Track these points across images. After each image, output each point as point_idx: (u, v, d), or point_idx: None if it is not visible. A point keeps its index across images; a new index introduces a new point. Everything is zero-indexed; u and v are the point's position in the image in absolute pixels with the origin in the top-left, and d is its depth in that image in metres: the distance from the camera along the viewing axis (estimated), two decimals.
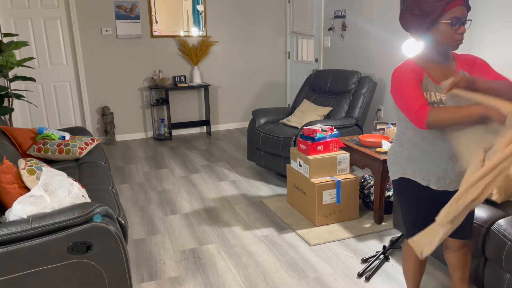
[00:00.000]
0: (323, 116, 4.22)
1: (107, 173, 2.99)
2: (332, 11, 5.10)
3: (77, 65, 5.41)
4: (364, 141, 3.27)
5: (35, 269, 1.75)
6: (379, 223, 3.14)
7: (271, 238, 3.00)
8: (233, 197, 3.75)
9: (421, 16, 1.65)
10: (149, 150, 5.31)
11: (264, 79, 6.46)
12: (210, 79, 6.13)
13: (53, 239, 1.75)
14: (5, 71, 4.05)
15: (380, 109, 4.45)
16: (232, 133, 6.12)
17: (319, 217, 3.12)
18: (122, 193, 3.91)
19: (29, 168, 2.16)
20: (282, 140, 3.86)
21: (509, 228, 1.96)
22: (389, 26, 4.20)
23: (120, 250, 1.89)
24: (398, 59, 4.13)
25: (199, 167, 4.60)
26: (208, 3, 5.86)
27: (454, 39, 1.64)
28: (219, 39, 6.04)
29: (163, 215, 3.43)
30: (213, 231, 3.12)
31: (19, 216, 1.82)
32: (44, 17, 5.16)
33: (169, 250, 2.86)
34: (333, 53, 5.21)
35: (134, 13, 5.49)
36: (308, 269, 2.60)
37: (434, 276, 2.49)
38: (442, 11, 1.61)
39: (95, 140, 3.51)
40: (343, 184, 3.14)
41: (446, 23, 1.62)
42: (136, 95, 5.79)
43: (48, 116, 5.45)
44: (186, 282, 2.49)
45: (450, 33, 1.63)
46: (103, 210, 1.90)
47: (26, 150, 3.22)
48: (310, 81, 4.71)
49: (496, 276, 2.03)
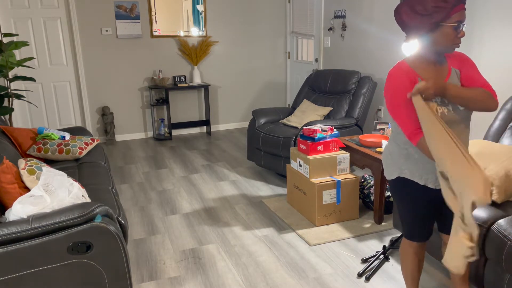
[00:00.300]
0: (323, 116, 4.22)
1: (107, 173, 2.99)
2: (332, 11, 5.10)
3: (77, 65, 5.41)
4: (364, 141, 3.27)
5: (35, 269, 1.75)
6: (379, 223, 3.14)
7: (271, 238, 3.00)
8: (233, 197, 3.75)
9: (425, 16, 1.60)
10: (149, 150, 5.31)
11: (264, 79, 6.46)
12: (210, 79, 6.13)
13: (53, 239, 1.75)
14: (5, 71, 4.05)
15: (380, 109, 4.45)
16: (232, 133, 6.12)
17: (319, 217, 3.12)
18: (122, 193, 3.91)
19: (29, 168, 2.16)
20: (282, 140, 3.86)
21: (509, 228, 1.96)
22: (389, 26, 4.20)
23: (120, 250, 1.89)
24: (398, 59, 4.13)
25: (199, 167, 4.60)
26: (208, 3, 5.86)
27: (454, 42, 1.63)
28: (219, 39, 6.04)
29: (163, 215, 3.43)
30: (213, 231, 3.12)
31: (19, 216, 1.82)
32: (44, 17, 5.16)
33: (169, 250, 2.86)
34: (333, 53, 5.21)
35: (134, 13, 5.49)
36: (308, 269, 2.60)
37: (433, 275, 2.49)
38: (448, 13, 1.58)
39: (95, 140, 3.51)
40: (343, 184, 3.14)
41: (450, 26, 1.60)
42: (136, 95, 5.79)
43: (48, 116, 5.45)
44: (186, 282, 2.49)
45: (452, 36, 1.62)
46: (103, 210, 1.90)
47: (26, 150, 3.22)
48: (310, 81, 4.71)
49: (496, 276, 2.03)
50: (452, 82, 1.72)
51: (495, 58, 3.14)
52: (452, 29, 1.60)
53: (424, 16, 1.60)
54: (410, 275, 2.05)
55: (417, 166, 1.79)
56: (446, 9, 1.57)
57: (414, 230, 1.92)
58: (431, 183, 1.79)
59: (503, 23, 3.05)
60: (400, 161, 1.83)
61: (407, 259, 2.03)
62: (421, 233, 1.93)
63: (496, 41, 3.12)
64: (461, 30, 1.62)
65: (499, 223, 2.02)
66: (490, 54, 3.18)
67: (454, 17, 1.59)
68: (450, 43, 1.63)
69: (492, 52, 3.16)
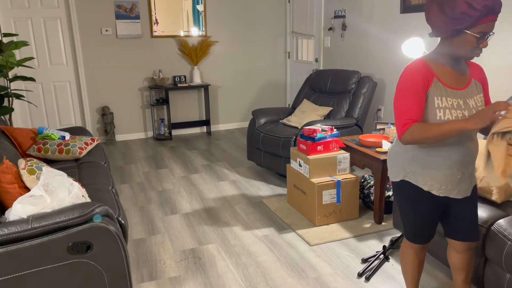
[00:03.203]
0: (323, 116, 4.22)
1: (107, 173, 2.99)
2: (332, 11, 5.10)
3: (77, 65, 5.41)
4: (364, 141, 3.27)
5: (35, 269, 1.75)
6: (379, 223, 3.14)
7: (271, 238, 3.00)
8: (233, 197, 3.75)
9: (451, 19, 1.55)
10: (149, 150, 5.31)
11: (264, 79, 6.46)
12: (210, 79, 6.13)
13: (53, 239, 1.75)
14: (5, 71, 4.05)
15: (380, 109, 4.45)
16: (232, 133, 6.12)
17: (319, 217, 3.12)
18: (122, 193, 3.91)
19: (29, 168, 2.16)
20: (282, 140, 3.86)
21: (509, 228, 1.96)
22: (389, 26, 4.20)
23: (120, 250, 1.89)
24: (398, 59, 4.13)
25: (199, 167, 4.60)
26: (208, 3, 5.86)
27: (474, 52, 1.60)
28: (219, 39, 6.04)
29: (163, 215, 3.43)
30: (213, 231, 3.12)
31: (19, 216, 1.82)
32: (44, 17, 5.16)
33: (169, 250, 2.86)
34: (333, 53, 5.21)
35: (134, 13, 5.49)
36: (308, 269, 2.60)
37: (434, 276, 2.49)
38: (473, 23, 1.53)
39: (95, 140, 3.51)
40: (343, 184, 3.14)
41: (473, 35, 1.55)
42: (136, 95, 5.79)
43: (48, 116, 5.45)
44: (186, 282, 2.49)
45: (473, 45, 1.58)
46: (103, 210, 1.90)
47: (26, 150, 3.22)
48: (310, 81, 4.71)
49: (496, 276, 2.03)
50: (471, 92, 1.69)
51: (496, 58, 3.14)
52: (475, 38, 1.56)
53: (450, 18, 1.56)
54: (411, 275, 2.04)
55: (422, 172, 1.75)
56: (473, 18, 1.52)
57: (416, 232, 1.90)
58: (435, 190, 1.76)
59: (503, 23, 3.05)
60: (405, 163, 1.80)
61: (407, 260, 2.02)
62: (423, 236, 1.90)
63: (496, 41, 3.12)
64: (484, 40, 1.56)
65: (499, 223, 2.02)
66: (490, 54, 3.18)
67: (480, 27, 1.54)
68: (470, 52, 1.60)
69: (492, 52, 3.16)
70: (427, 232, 1.89)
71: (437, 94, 1.65)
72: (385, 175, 3.03)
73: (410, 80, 1.64)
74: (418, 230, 1.88)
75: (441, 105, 1.64)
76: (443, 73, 1.68)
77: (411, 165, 1.78)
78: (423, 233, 1.89)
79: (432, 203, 1.81)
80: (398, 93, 1.68)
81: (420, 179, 1.76)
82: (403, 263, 2.06)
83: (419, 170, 1.76)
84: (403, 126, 1.65)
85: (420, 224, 1.86)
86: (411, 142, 1.64)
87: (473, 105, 1.68)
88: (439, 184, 1.75)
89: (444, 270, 2.54)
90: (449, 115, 1.63)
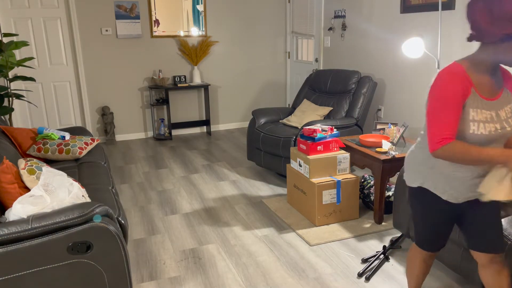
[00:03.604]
0: (323, 116, 4.22)
1: (107, 173, 2.99)
2: (332, 11, 5.10)
3: (77, 65, 5.41)
4: (364, 141, 3.27)
5: (35, 269, 1.75)
6: (379, 223, 3.14)
7: (271, 238, 3.00)
8: (233, 197, 3.75)
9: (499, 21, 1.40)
10: (149, 150, 5.31)
11: (264, 79, 6.46)
12: (210, 79, 6.13)
13: (53, 239, 1.75)
14: (5, 71, 4.05)
15: (380, 109, 4.45)
16: (232, 133, 6.12)
17: (319, 217, 3.12)
18: (122, 193, 3.91)
19: (29, 168, 2.16)
20: (282, 140, 3.86)
21: (509, 228, 1.96)
22: (389, 26, 4.20)
23: (120, 250, 1.89)
24: (398, 59, 4.13)
25: (199, 167, 4.60)
26: (208, 3, 5.86)
27: None
28: (219, 39, 6.04)
29: (163, 215, 3.43)
30: (213, 231, 3.12)
31: (19, 216, 1.82)
32: (44, 17, 5.16)
33: (169, 250, 2.86)
34: (333, 53, 5.21)
35: (134, 13, 5.49)
36: (308, 269, 2.60)
37: (436, 277, 2.48)
38: None
39: (95, 140, 3.51)
40: (343, 184, 3.14)
41: None
42: (136, 95, 5.79)
43: (48, 116, 5.45)
44: (186, 282, 2.49)
45: None
46: (103, 210, 1.90)
47: (26, 150, 3.22)
48: (310, 81, 4.71)
49: None
50: (502, 103, 1.59)
51: None
52: None
53: (498, 21, 1.40)
54: (415, 279, 2.00)
55: (443, 181, 1.67)
56: None
57: (427, 240, 1.83)
58: (453, 199, 1.68)
59: None
60: (425, 170, 1.71)
61: (414, 265, 1.97)
62: (434, 244, 1.84)
63: None
64: None
65: None
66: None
67: None
68: None
69: None
70: (439, 241, 1.84)
71: (474, 106, 1.53)
72: (385, 175, 3.03)
73: (450, 91, 1.50)
74: (430, 237, 1.82)
75: (476, 118, 1.53)
76: (480, 82, 1.55)
77: (431, 173, 1.70)
78: (435, 240, 1.83)
79: (449, 212, 1.73)
80: (436, 103, 1.53)
81: (440, 187, 1.68)
82: (409, 266, 2.01)
83: (440, 179, 1.67)
84: (440, 140, 1.52)
85: (433, 231, 1.80)
86: (443, 158, 1.54)
87: (504, 116, 1.57)
88: (459, 194, 1.67)
89: (445, 271, 2.54)
90: (482, 129, 1.53)
